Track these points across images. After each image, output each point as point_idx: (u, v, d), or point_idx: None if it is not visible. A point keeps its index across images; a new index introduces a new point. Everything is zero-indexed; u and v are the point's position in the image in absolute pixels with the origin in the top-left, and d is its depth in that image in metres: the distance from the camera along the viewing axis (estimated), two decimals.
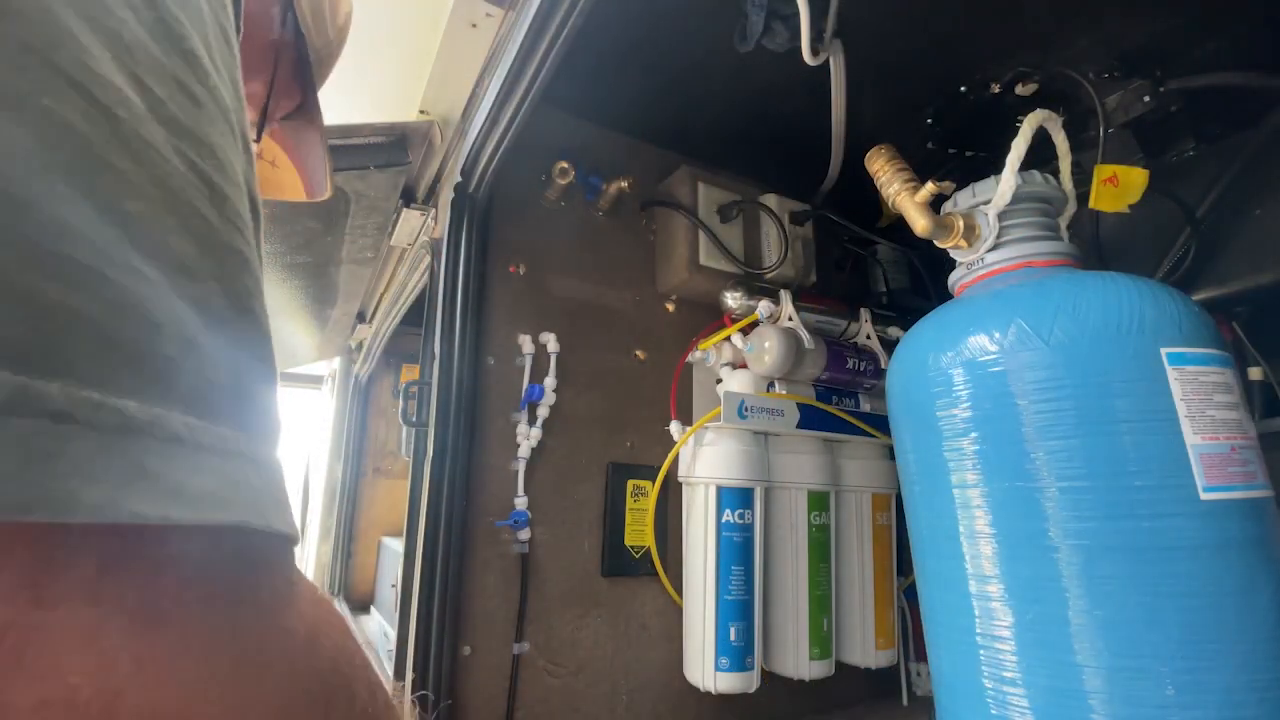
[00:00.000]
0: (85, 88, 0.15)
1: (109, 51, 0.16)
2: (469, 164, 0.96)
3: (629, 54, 1.01)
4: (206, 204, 0.18)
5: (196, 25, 0.20)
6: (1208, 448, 0.61)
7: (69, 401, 0.13)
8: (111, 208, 0.15)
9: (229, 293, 0.19)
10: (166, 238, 0.17)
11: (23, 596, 0.14)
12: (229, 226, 0.19)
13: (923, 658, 1.23)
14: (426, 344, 1.04)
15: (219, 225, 0.19)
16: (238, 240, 0.20)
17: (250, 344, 0.20)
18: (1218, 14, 0.86)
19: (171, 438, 0.16)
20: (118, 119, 0.16)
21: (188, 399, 0.16)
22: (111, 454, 0.14)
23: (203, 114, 0.19)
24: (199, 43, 0.19)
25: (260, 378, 0.20)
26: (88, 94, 0.15)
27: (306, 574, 0.97)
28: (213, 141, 0.19)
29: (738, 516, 1.03)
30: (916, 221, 0.80)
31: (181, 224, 0.17)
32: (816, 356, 1.13)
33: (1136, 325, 0.64)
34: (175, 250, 0.17)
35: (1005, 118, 1.04)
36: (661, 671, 1.06)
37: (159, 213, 0.17)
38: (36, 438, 0.13)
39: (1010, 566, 0.67)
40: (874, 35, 0.92)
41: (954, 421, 0.72)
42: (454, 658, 0.90)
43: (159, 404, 0.15)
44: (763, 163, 1.28)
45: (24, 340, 0.13)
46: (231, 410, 0.18)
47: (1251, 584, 0.59)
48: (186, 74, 0.18)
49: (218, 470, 0.17)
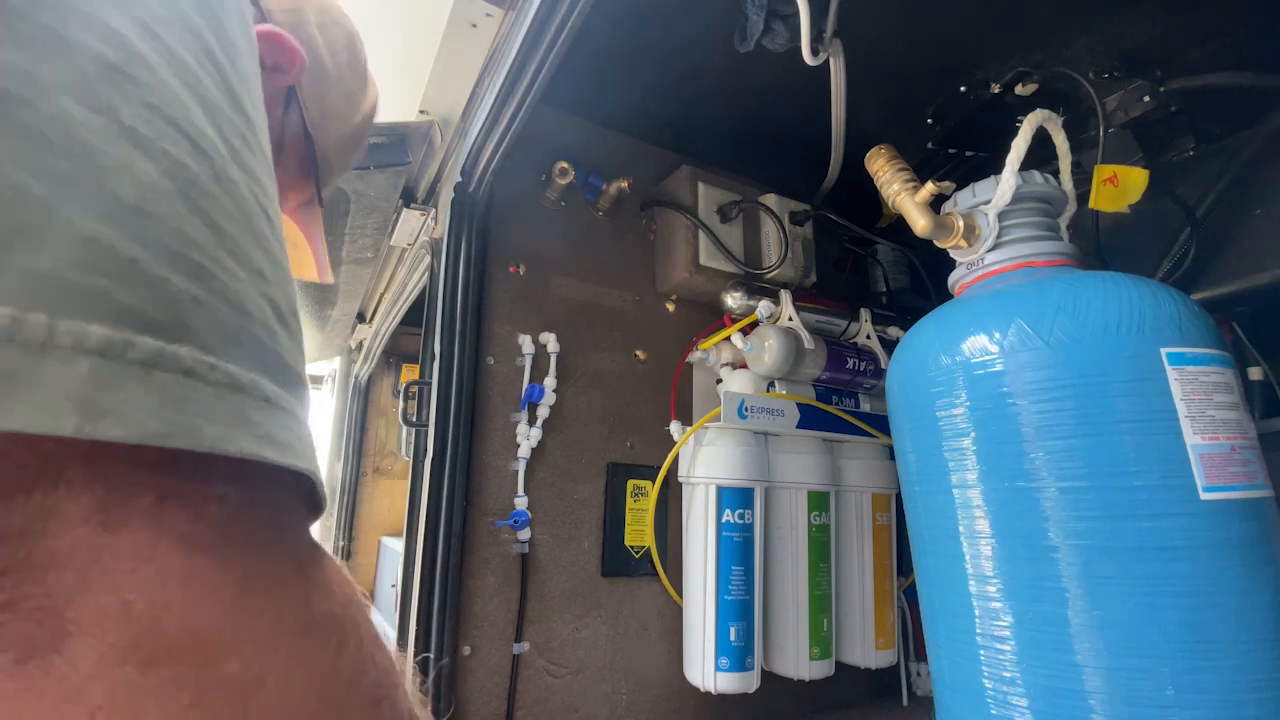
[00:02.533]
0: (190, 137, 0.20)
1: (201, 109, 0.21)
2: (469, 164, 0.96)
3: (629, 54, 1.01)
4: (267, 226, 0.24)
5: (251, 93, 0.25)
6: (1208, 448, 0.61)
7: (194, 362, 0.18)
8: (213, 223, 0.20)
9: (286, 296, 0.24)
10: (247, 249, 0.22)
11: (94, 520, 0.17)
12: (279, 246, 0.25)
13: (923, 658, 1.23)
14: (426, 344, 1.04)
15: (275, 243, 0.24)
16: (282, 256, 0.25)
17: (299, 339, 0.25)
18: (1218, 14, 0.86)
19: (263, 398, 0.20)
20: (212, 159, 0.21)
21: (273, 371, 0.21)
22: (225, 403, 0.18)
23: (259, 161, 0.25)
24: (251, 107, 0.25)
25: (304, 366, 0.25)
26: (192, 141, 0.20)
27: None
28: (264, 182, 0.25)
29: (738, 516, 1.03)
30: (916, 221, 0.80)
31: (254, 239, 0.22)
32: (816, 356, 1.13)
33: (1136, 325, 0.64)
34: (253, 259, 0.22)
35: (1005, 118, 1.04)
36: (661, 671, 1.06)
37: (241, 230, 0.21)
38: (172, 386, 0.17)
39: (1010, 566, 0.67)
40: (874, 35, 0.92)
41: (954, 421, 0.72)
42: (454, 658, 0.90)
43: (255, 372, 0.20)
44: (763, 163, 1.28)
45: (162, 316, 0.18)
46: (295, 386, 0.23)
47: (1251, 584, 0.59)
48: (248, 129, 0.24)
49: (292, 428, 0.21)
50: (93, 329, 0.16)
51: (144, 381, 0.17)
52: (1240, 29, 0.88)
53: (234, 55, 0.25)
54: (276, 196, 0.27)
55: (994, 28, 0.92)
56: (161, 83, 0.20)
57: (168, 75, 0.20)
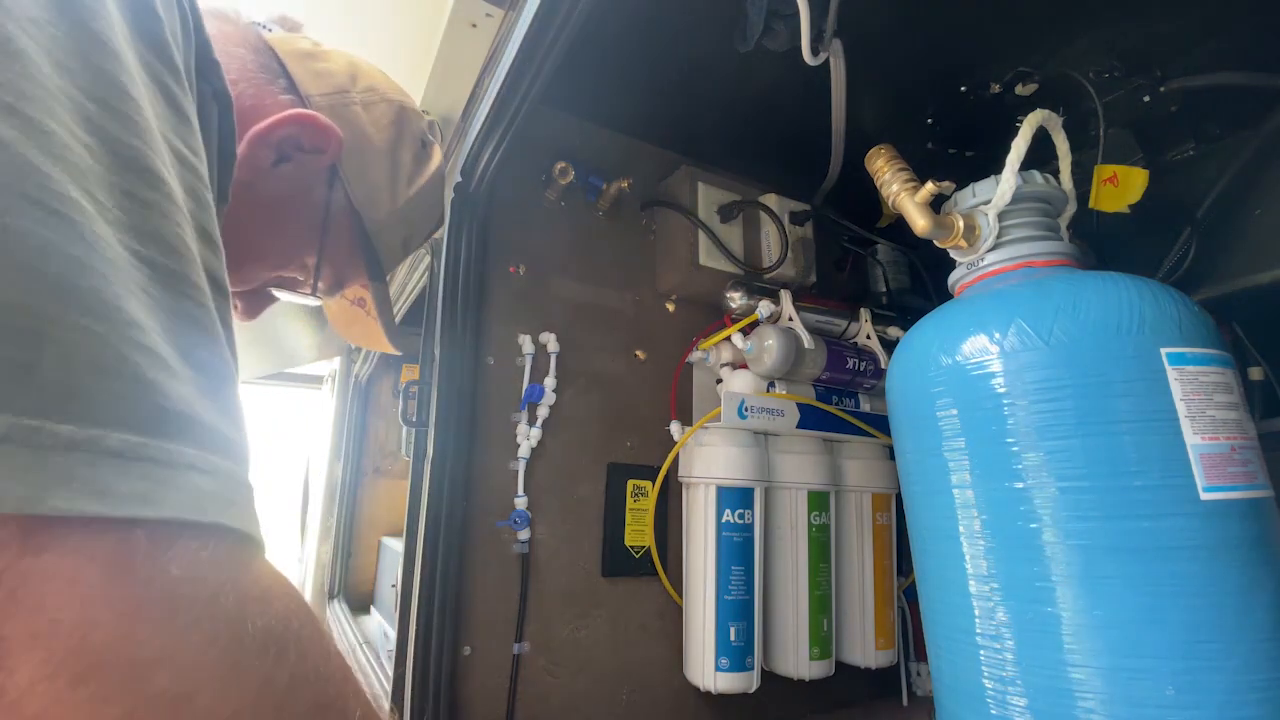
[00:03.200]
0: (45, 203, 0.20)
1: (67, 175, 0.21)
2: (469, 164, 0.96)
3: (629, 54, 1.01)
4: (149, 280, 0.24)
5: (156, 151, 0.26)
6: (1208, 448, 0.61)
7: (7, 428, 0.18)
8: (59, 285, 0.20)
9: (179, 345, 0.24)
10: (118, 303, 0.22)
11: (14, 545, 0.18)
12: (176, 294, 0.25)
13: (923, 658, 1.23)
14: (426, 344, 1.05)
15: (160, 295, 0.24)
16: (187, 305, 0.25)
17: (203, 383, 0.25)
18: (1218, 14, 0.86)
19: (107, 451, 0.20)
20: (74, 221, 0.21)
21: (134, 422, 0.21)
22: (44, 464, 0.18)
23: (151, 213, 0.25)
24: (158, 162, 0.26)
25: (216, 407, 0.25)
26: (47, 207, 0.20)
27: (307, 573, 0.98)
28: (163, 233, 0.25)
29: (738, 516, 1.03)
30: (916, 221, 0.80)
31: (127, 293, 0.22)
32: (816, 356, 1.13)
33: (1136, 325, 0.64)
34: (126, 311, 0.22)
35: (1005, 118, 1.04)
36: (661, 671, 1.06)
37: (104, 284, 0.21)
38: None
39: (1010, 566, 0.66)
40: (874, 35, 0.92)
41: (954, 421, 0.72)
42: (454, 658, 0.90)
43: (100, 427, 0.20)
44: (763, 163, 1.28)
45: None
46: (179, 429, 0.22)
47: (1251, 584, 0.59)
48: (139, 185, 0.24)
49: (150, 475, 0.21)
50: None
51: None
52: (1241, 28, 0.88)
53: (118, 96, 0.25)
54: (196, 241, 0.27)
55: (994, 28, 0.92)
56: (15, 157, 0.20)
57: (30, 151, 0.21)
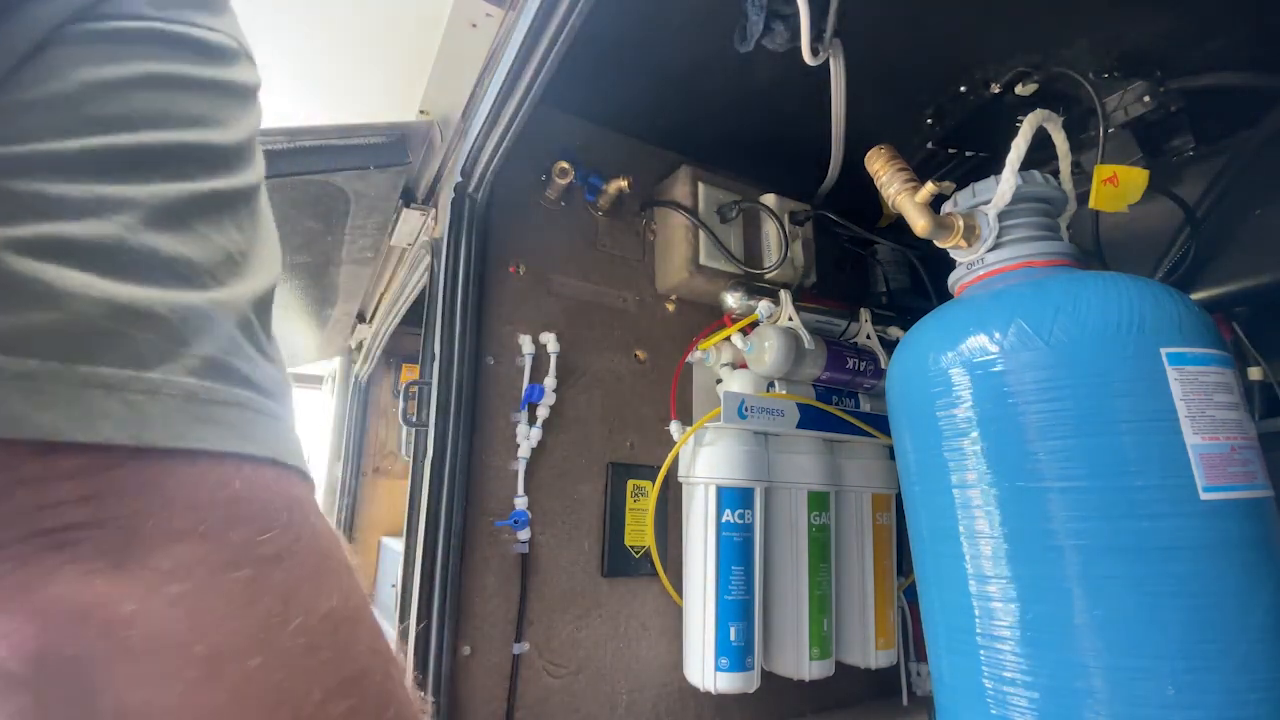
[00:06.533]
0: None
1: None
2: (469, 164, 0.96)
3: (629, 54, 1.01)
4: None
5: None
6: (1208, 448, 0.61)
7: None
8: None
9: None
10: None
11: (156, 458, 0.21)
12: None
13: (923, 658, 1.23)
14: (426, 344, 1.04)
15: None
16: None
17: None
18: (1218, 14, 0.86)
19: (180, 390, 0.22)
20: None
21: (199, 371, 0.23)
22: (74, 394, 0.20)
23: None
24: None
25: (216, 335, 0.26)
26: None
27: None
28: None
29: (738, 516, 1.03)
30: (916, 221, 0.80)
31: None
32: (816, 356, 1.13)
33: (1136, 325, 0.64)
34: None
35: (1005, 118, 1.04)
36: (661, 671, 1.06)
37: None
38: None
39: (1010, 566, 0.67)
40: (874, 35, 0.92)
41: (954, 421, 0.72)
42: (454, 658, 0.90)
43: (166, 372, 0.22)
44: (763, 163, 1.28)
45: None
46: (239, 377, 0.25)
47: (1251, 584, 0.59)
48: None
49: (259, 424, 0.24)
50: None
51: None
52: (1241, 28, 0.88)
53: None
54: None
55: (994, 28, 0.92)
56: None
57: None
